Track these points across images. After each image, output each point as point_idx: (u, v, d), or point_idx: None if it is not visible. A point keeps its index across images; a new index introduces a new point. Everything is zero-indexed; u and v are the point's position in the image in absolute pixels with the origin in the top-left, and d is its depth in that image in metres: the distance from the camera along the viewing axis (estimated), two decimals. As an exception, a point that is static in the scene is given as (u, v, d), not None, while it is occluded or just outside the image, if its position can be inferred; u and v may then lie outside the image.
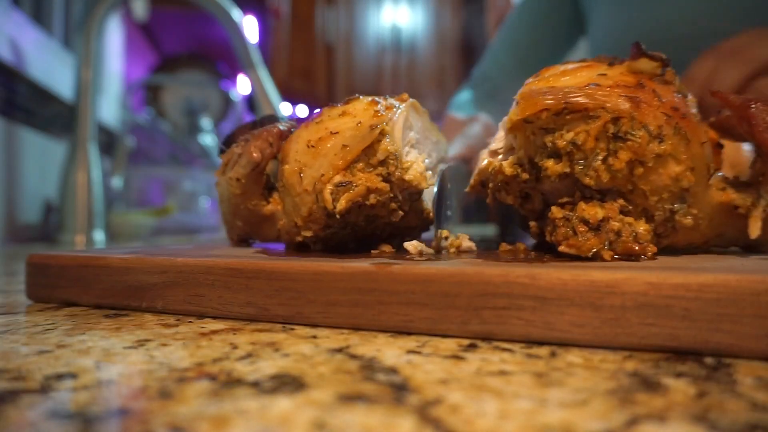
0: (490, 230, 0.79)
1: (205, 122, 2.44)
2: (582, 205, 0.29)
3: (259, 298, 0.27)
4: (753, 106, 0.29)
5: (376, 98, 0.34)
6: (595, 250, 0.28)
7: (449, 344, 0.22)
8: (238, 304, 0.28)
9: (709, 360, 0.20)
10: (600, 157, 0.28)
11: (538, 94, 0.29)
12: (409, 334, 0.24)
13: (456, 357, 0.20)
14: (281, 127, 0.36)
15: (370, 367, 0.19)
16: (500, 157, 0.33)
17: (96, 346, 0.23)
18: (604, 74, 0.30)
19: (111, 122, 1.62)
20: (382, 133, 0.31)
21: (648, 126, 0.27)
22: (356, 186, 0.31)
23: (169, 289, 0.30)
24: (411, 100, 0.36)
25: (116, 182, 1.51)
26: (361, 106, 0.33)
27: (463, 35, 3.54)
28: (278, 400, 0.16)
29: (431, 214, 0.37)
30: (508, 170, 0.31)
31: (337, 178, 0.31)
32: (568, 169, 0.29)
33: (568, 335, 0.22)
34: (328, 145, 0.32)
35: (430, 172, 0.35)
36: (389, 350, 0.22)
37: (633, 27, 0.73)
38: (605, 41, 0.79)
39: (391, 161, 0.31)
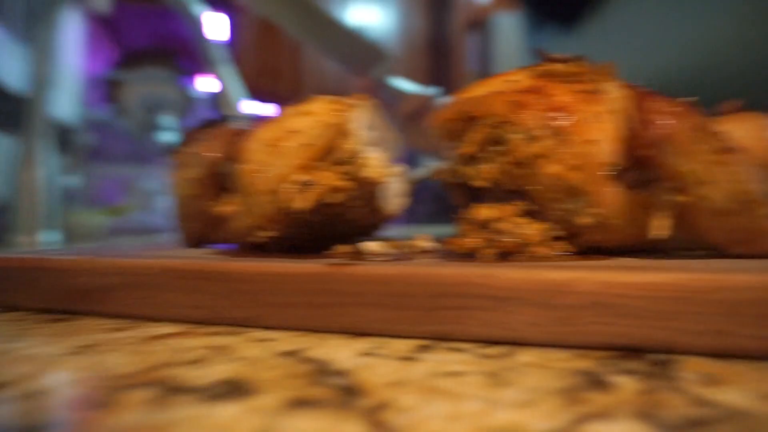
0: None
1: (167, 120, 2.38)
2: (479, 206, 0.30)
3: (212, 301, 0.27)
4: (647, 97, 0.28)
5: (336, 97, 0.34)
6: (476, 248, 0.29)
7: (404, 345, 0.22)
8: (190, 307, 0.27)
9: (656, 357, 0.20)
10: (488, 161, 0.30)
11: (450, 105, 0.31)
12: (365, 335, 0.24)
13: (409, 358, 0.20)
14: (239, 126, 0.36)
15: (321, 371, 0.19)
16: (443, 163, 0.35)
17: (37, 353, 0.22)
18: (514, 80, 0.31)
19: (68, 118, 1.57)
20: (344, 132, 0.31)
21: (523, 128, 0.28)
22: (318, 185, 0.30)
23: (119, 291, 0.28)
24: (370, 99, 0.36)
25: (73, 180, 1.45)
26: (321, 105, 0.33)
27: (432, 36, 3.56)
28: (223, 407, 0.15)
29: (388, 212, 0.37)
30: (444, 176, 0.33)
31: (298, 178, 0.30)
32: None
33: (522, 334, 0.22)
34: (288, 144, 0.31)
35: (388, 170, 0.35)
36: (343, 352, 0.21)
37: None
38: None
39: (352, 159, 0.31)
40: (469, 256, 0.29)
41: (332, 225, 0.34)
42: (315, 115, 0.33)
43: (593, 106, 0.29)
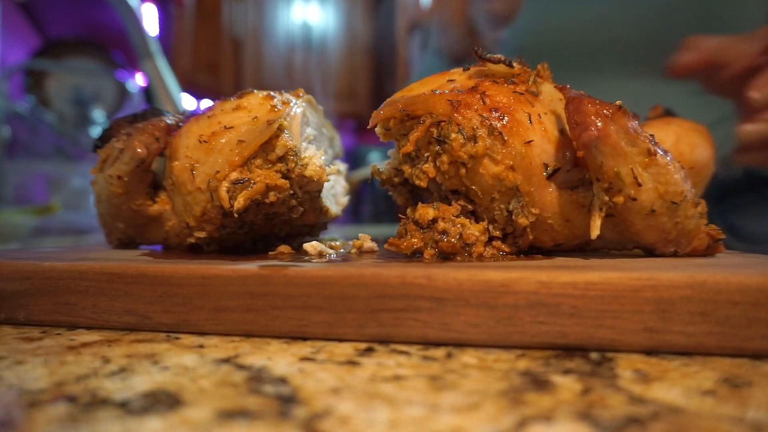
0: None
1: (98, 114, 2.25)
2: (419, 206, 0.30)
3: (140, 306, 0.25)
4: (578, 100, 0.28)
5: (272, 93, 0.33)
6: (416, 248, 0.29)
7: (345, 349, 0.22)
8: (115, 313, 0.25)
9: (594, 355, 0.21)
10: (428, 160, 0.29)
11: (390, 104, 0.31)
12: (305, 339, 0.23)
13: (351, 363, 0.20)
14: (168, 121, 0.34)
15: (257, 378, 0.18)
16: (385, 162, 0.35)
17: (-67, 367, 0.19)
18: (453, 80, 0.31)
19: (-18, 110, 1.45)
20: (281, 129, 0.30)
21: (463, 128, 0.28)
22: (254, 183, 0.29)
23: (34, 297, 0.26)
24: (308, 96, 0.35)
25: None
26: (256, 100, 0.32)
27: (373, 37, 3.56)
28: (147, 422, 0.14)
29: (329, 212, 0.37)
30: (384, 175, 0.33)
31: (234, 175, 0.29)
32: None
33: (464, 335, 0.22)
34: (223, 141, 0.30)
35: (334, 167, 0.35)
36: (281, 358, 0.20)
37: (550, 29, 0.74)
38: (523, 41, 0.81)
39: (291, 157, 0.30)
40: (410, 256, 0.28)
41: (271, 225, 0.33)
42: (250, 110, 0.31)
43: (530, 107, 0.29)
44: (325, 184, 0.37)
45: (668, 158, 0.28)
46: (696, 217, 0.29)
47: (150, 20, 2.48)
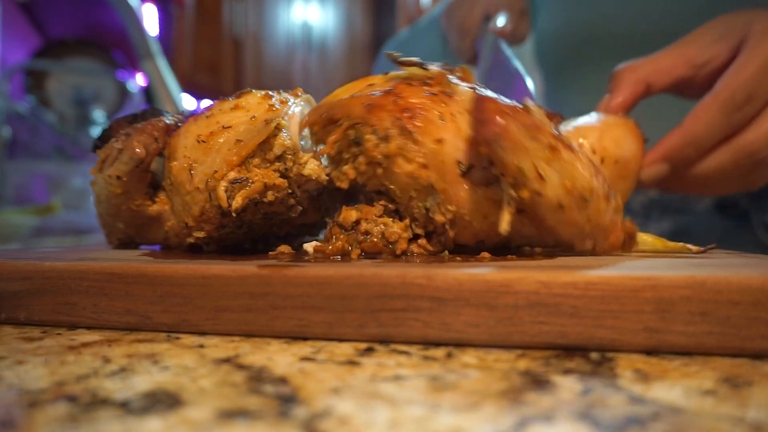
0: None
1: (98, 114, 2.26)
2: (343, 209, 0.31)
3: (140, 306, 0.25)
4: (482, 98, 0.28)
5: (270, 92, 0.33)
6: (342, 250, 0.30)
7: (345, 349, 0.22)
8: (116, 313, 0.25)
9: (594, 355, 0.21)
10: (347, 162, 0.31)
11: (314, 110, 0.32)
12: (305, 339, 0.23)
13: (351, 362, 0.20)
14: (167, 121, 0.34)
15: (257, 378, 0.18)
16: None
17: (-66, 367, 0.19)
18: (372, 84, 0.32)
19: (-17, 110, 1.46)
20: (278, 128, 0.30)
21: (377, 129, 0.29)
22: (253, 182, 0.29)
23: (34, 297, 0.26)
24: (306, 95, 0.35)
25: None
26: (254, 99, 0.32)
27: (373, 37, 3.56)
28: (147, 422, 0.14)
29: (328, 211, 0.36)
30: (320, 177, 0.33)
31: (232, 175, 0.29)
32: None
33: (464, 335, 0.22)
34: (221, 140, 0.30)
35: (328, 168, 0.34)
36: (281, 358, 0.20)
37: (576, 24, 0.73)
38: (550, 39, 0.79)
39: (289, 156, 0.30)
40: (339, 259, 0.29)
41: (270, 224, 0.33)
42: (248, 110, 0.31)
43: (443, 107, 0.29)
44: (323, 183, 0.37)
45: (574, 153, 0.28)
46: (610, 212, 0.30)
47: (150, 20, 2.48)
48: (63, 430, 0.14)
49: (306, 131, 0.34)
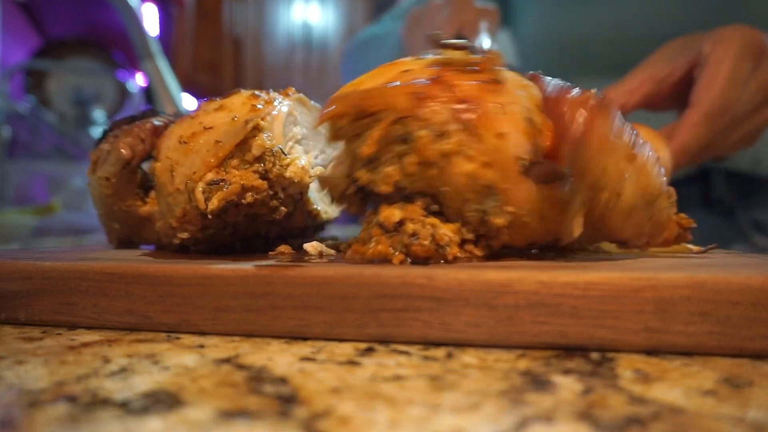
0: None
1: (98, 114, 2.26)
2: (383, 207, 0.27)
3: (140, 305, 0.25)
4: (558, 91, 0.26)
5: (257, 92, 0.32)
6: (384, 254, 0.26)
7: (345, 349, 0.22)
8: (116, 313, 0.25)
9: (594, 355, 0.21)
10: (392, 162, 0.26)
11: (340, 99, 0.27)
12: (305, 339, 0.23)
13: (351, 363, 0.20)
14: (156, 123, 0.34)
15: (258, 378, 0.18)
16: (330, 166, 0.32)
17: (-66, 367, 0.19)
18: (408, 70, 0.28)
19: (-17, 110, 1.45)
20: (258, 128, 0.29)
21: (431, 123, 0.25)
22: (230, 184, 0.28)
23: (34, 297, 0.26)
24: (298, 94, 0.35)
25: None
26: (239, 100, 0.31)
27: (374, 36, 3.56)
28: (147, 422, 0.14)
29: (319, 215, 0.36)
30: (334, 187, 0.30)
31: (210, 176, 0.29)
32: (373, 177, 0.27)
33: (464, 335, 0.22)
34: (201, 141, 0.30)
35: (318, 169, 0.34)
36: (281, 358, 0.20)
37: (569, 29, 0.73)
38: (536, 41, 0.78)
39: (269, 157, 0.29)
40: (375, 263, 0.26)
41: (255, 226, 0.33)
42: (230, 110, 0.31)
43: (498, 97, 0.26)
44: (308, 185, 0.36)
45: (647, 152, 0.27)
46: (667, 208, 0.29)
47: (150, 20, 2.48)
48: (63, 430, 0.14)
49: (297, 130, 0.33)
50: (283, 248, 0.33)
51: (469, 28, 0.61)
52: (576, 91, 0.26)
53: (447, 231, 0.26)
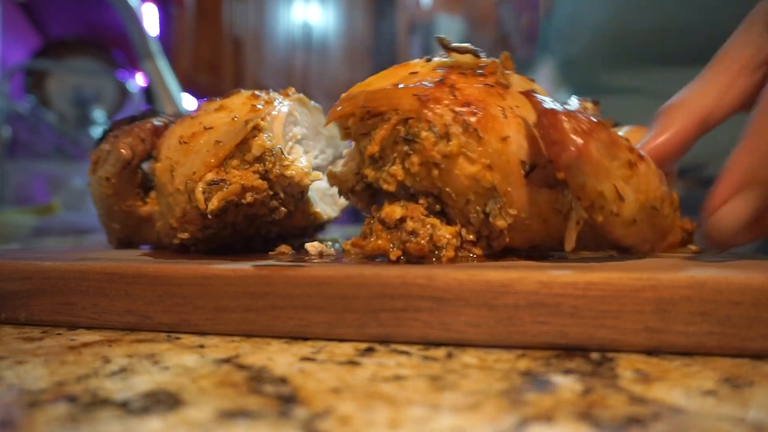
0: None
1: (98, 114, 2.26)
2: (385, 204, 0.28)
3: (140, 306, 0.25)
4: (552, 114, 0.25)
5: (257, 92, 0.32)
6: (382, 249, 0.27)
7: (346, 349, 0.22)
8: (116, 313, 0.25)
9: (594, 355, 0.21)
10: (395, 162, 0.27)
11: (349, 99, 0.28)
12: (305, 339, 0.23)
13: (351, 362, 0.20)
14: (156, 123, 0.34)
15: (258, 378, 0.18)
16: (340, 163, 0.32)
17: (-66, 367, 0.19)
18: (416, 72, 0.29)
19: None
20: (258, 129, 0.29)
21: (434, 125, 0.26)
22: (230, 184, 0.28)
23: (34, 297, 0.26)
24: (298, 94, 0.35)
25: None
26: (239, 100, 0.31)
27: (373, 37, 3.56)
28: (147, 422, 0.14)
29: (319, 215, 0.36)
30: (343, 183, 0.31)
31: (210, 176, 0.29)
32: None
33: (464, 335, 0.22)
34: (201, 141, 0.30)
35: (318, 171, 0.34)
36: (281, 358, 0.20)
37: (608, 18, 0.67)
38: (577, 31, 0.73)
39: (269, 157, 0.29)
40: (372, 259, 0.27)
41: (255, 226, 0.33)
42: (231, 110, 0.31)
43: (502, 101, 0.27)
44: (321, 185, 0.37)
45: (647, 163, 0.26)
46: (671, 215, 0.28)
47: (150, 20, 2.48)
48: (63, 430, 0.14)
49: (297, 130, 0.33)
50: (284, 248, 0.33)
51: None
52: (571, 107, 0.26)
53: (446, 233, 0.27)
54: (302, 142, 0.34)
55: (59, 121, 2.10)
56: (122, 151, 0.32)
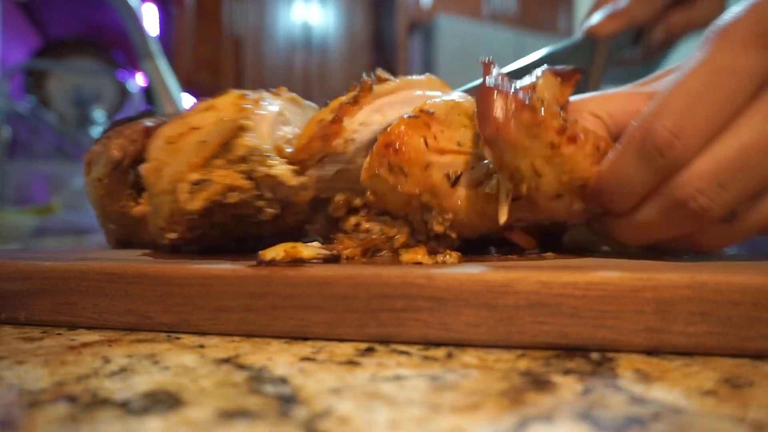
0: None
1: (98, 114, 2.26)
2: (345, 216, 0.32)
3: (140, 305, 0.25)
4: (487, 90, 0.26)
5: (247, 92, 0.32)
6: (341, 248, 0.30)
7: (346, 349, 0.22)
8: (116, 313, 0.25)
9: (594, 355, 0.21)
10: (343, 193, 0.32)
11: (302, 148, 0.32)
12: (305, 339, 0.23)
13: (351, 363, 0.20)
14: (147, 124, 0.34)
15: (258, 378, 0.18)
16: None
17: (-66, 367, 0.19)
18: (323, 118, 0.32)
19: (-17, 110, 1.45)
20: (243, 128, 0.29)
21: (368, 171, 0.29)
22: (214, 184, 0.28)
23: (34, 297, 0.26)
24: (290, 94, 0.35)
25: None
26: (228, 100, 0.31)
27: (374, 36, 3.57)
28: (147, 422, 0.14)
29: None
30: (289, 181, 0.33)
31: (193, 176, 0.29)
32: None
33: (464, 335, 0.22)
34: (187, 141, 0.30)
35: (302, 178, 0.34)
36: (281, 358, 0.20)
37: None
38: None
39: (255, 158, 0.29)
40: (337, 261, 0.28)
41: (244, 226, 0.32)
42: (218, 110, 0.31)
43: (426, 130, 0.29)
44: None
45: (576, 145, 0.27)
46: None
47: (150, 20, 2.48)
48: (63, 430, 0.14)
49: (287, 129, 0.33)
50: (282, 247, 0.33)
51: None
52: (513, 85, 0.27)
53: (398, 231, 0.30)
54: (293, 141, 0.34)
55: (59, 121, 2.10)
56: (113, 152, 0.32)
